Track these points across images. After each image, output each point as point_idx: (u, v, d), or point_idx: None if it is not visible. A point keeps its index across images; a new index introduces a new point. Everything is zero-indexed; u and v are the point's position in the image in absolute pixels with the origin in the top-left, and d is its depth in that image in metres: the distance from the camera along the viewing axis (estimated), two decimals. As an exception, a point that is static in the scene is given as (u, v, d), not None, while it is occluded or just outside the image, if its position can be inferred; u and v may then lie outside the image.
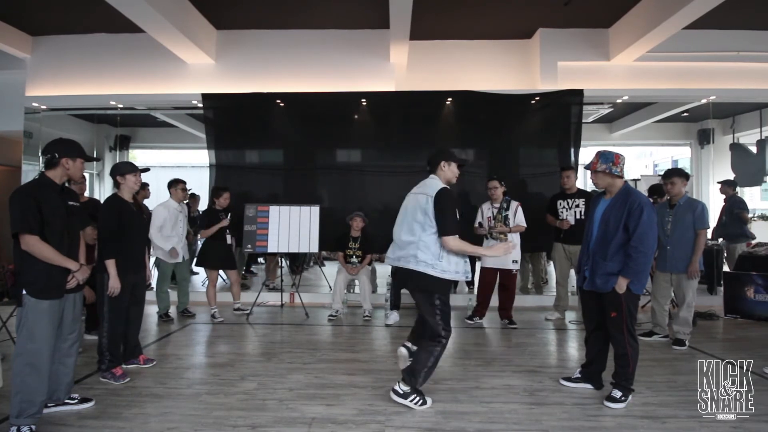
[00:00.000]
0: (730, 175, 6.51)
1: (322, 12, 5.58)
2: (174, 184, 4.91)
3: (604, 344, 2.98)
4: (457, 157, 2.90)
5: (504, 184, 4.70)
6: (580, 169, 5.26)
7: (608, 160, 2.78)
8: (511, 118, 6.02)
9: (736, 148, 6.92)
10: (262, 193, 6.00)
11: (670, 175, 4.01)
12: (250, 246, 5.24)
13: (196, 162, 8.85)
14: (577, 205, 4.71)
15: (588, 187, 5.83)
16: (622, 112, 7.83)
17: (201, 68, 6.03)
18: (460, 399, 2.85)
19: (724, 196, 6.07)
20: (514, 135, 6.11)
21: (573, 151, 5.79)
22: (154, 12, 4.53)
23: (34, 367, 2.34)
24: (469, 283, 6.26)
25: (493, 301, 4.81)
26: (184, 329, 4.59)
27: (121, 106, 6.47)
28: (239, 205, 5.36)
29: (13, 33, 5.87)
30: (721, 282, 5.62)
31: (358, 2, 5.34)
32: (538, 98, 5.90)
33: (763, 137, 6.85)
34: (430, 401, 2.76)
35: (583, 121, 5.94)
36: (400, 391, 2.73)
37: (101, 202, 5.06)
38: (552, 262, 5.30)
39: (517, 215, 4.61)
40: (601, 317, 2.90)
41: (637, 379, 3.02)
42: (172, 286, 5.06)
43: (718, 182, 6.20)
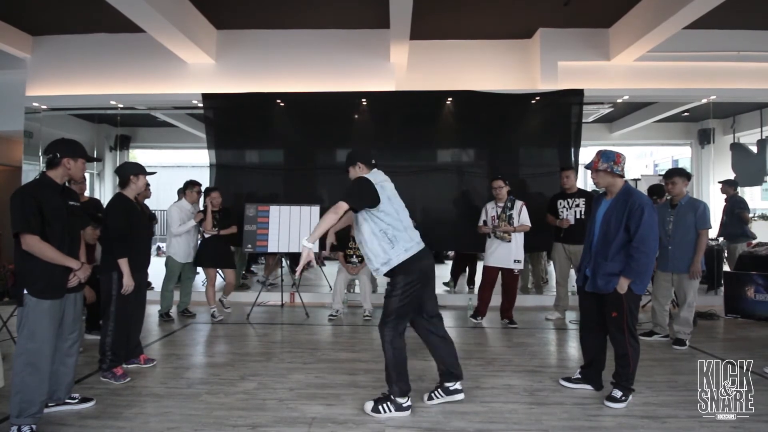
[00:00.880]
0: (731, 175, 6.51)
1: (322, 12, 5.58)
2: (190, 186, 4.96)
3: (603, 345, 2.98)
4: (369, 159, 3.01)
5: (508, 184, 4.70)
6: (580, 168, 5.26)
7: (609, 159, 2.79)
8: (511, 118, 6.02)
9: (737, 148, 6.92)
10: (262, 193, 6.00)
11: (671, 175, 4.01)
12: (250, 246, 5.24)
13: (196, 162, 8.85)
14: (578, 205, 4.71)
15: (588, 186, 5.83)
16: (622, 112, 7.83)
17: (201, 68, 6.03)
18: (460, 399, 2.85)
19: (725, 196, 6.06)
20: (514, 135, 6.11)
21: (573, 151, 5.79)
22: (154, 12, 4.53)
23: (34, 366, 2.34)
24: (470, 283, 6.27)
25: (494, 300, 4.81)
26: (184, 329, 4.59)
27: (121, 106, 6.47)
28: (239, 205, 5.36)
29: (13, 33, 5.87)
30: (722, 282, 5.62)
31: (358, 2, 5.34)
32: (538, 98, 5.90)
33: (764, 137, 6.85)
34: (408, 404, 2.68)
35: (583, 121, 5.94)
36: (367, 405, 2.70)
37: (101, 201, 5.09)
38: (552, 262, 5.30)
39: (522, 215, 4.60)
40: (600, 318, 2.90)
41: (638, 379, 3.02)
42: (176, 286, 5.08)
43: (719, 182, 6.20)
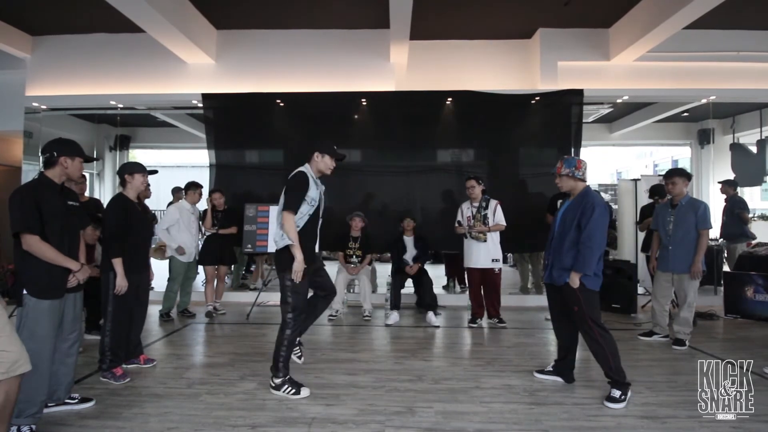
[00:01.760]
0: (731, 175, 6.50)
1: (322, 12, 5.59)
2: (192, 188, 4.97)
3: (574, 335, 3.11)
4: (335, 151, 3.07)
5: (482, 183, 4.66)
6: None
7: (571, 165, 3.01)
8: (511, 118, 6.02)
9: (737, 148, 6.92)
10: (262, 193, 6.00)
11: (671, 175, 4.01)
12: (250, 246, 5.24)
13: (196, 162, 8.87)
14: (578, 205, 4.70)
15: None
16: (622, 112, 7.84)
17: (201, 68, 6.04)
18: (460, 399, 2.85)
19: (724, 196, 6.07)
20: (514, 135, 6.11)
21: (573, 151, 5.79)
22: (154, 12, 4.54)
23: (34, 367, 2.33)
24: (462, 283, 6.25)
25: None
26: (184, 329, 4.59)
27: (121, 106, 6.48)
28: (239, 205, 5.37)
29: (13, 33, 5.87)
30: (721, 282, 5.63)
31: (358, 2, 5.34)
32: (538, 98, 5.90)
33: (763, 137, 6.86)
34: (306, 391, 2.87)
35: (583, 121, 5.95)
36: (273, 384, 2.89)
37: (101, 201, 5.09)
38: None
39: (497, 214, 4.58)
40: (564, 310, 3.05)
41: (638, 379, 3.02)
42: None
43: (719, 182, 6.20)
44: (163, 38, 5.25)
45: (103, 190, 7.82)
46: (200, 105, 6.10)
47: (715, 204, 6.22)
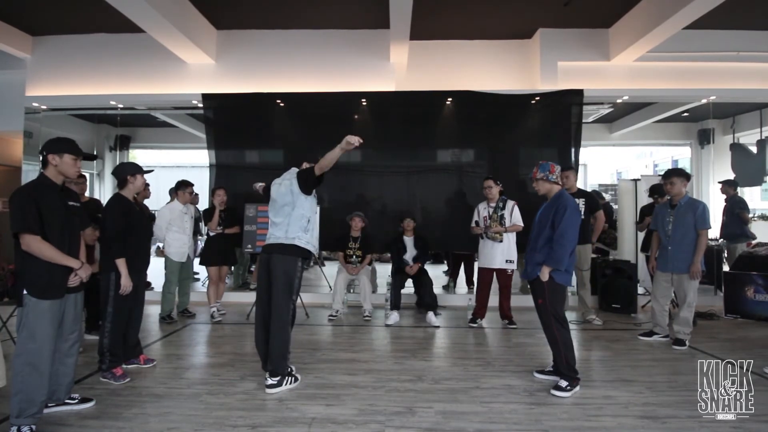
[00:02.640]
0: (731, 175, 6.51)
1: (322, 12, 5.59)
2: (182, 187, 4.92)
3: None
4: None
5: (500, 184, 4.68)
6: (581, 169, 5.26)
7: (545, 170, 3.17)
8: (511, 118, 6.02)
9: (737, 148, 6.92)
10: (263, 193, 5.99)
11: (670, 175, 4.01)
12: (250, 246, 5.24)
13: (196, 162, 8.86)
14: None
15: (588, 187, 5.84)
16: (622, 112, 7.84)
17: (201, 68, 6.04)
18: (460, 399, 2.85)
19: (724, 196, 6.07)
20: (514, 135, 6.11)
21: (573, 151, 5.79)
22: (154, 12, 4.54)
23: (34, 367, 2.34)
24: (469, 283, 6.26)
25: (493, 301, 4.81)
26: (184, 329, 4.59)
27: (121, 106, 6.47)
28: (239, 205, 5.37)
29: (13, 33, 5.87)
30: (721, 282, 5.63)
31: (358, 2, 5.34)
32: (538, 98, 5.90)
33: (764, 137, 6.85)
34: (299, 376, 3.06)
35: (583, 121, 5.94)
36: (272, 383, 2.93)
37: (101, 202, 5.09)
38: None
39: (514, 214, 4.59)
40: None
41: (638, 379, 3.03)
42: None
43: (719, 182, 6.20)
44: (163, 38, 5.25)
45: (103, 190, 7.82)
46: (200, 105, 6.09)
47: (716, 204, 6.22)
